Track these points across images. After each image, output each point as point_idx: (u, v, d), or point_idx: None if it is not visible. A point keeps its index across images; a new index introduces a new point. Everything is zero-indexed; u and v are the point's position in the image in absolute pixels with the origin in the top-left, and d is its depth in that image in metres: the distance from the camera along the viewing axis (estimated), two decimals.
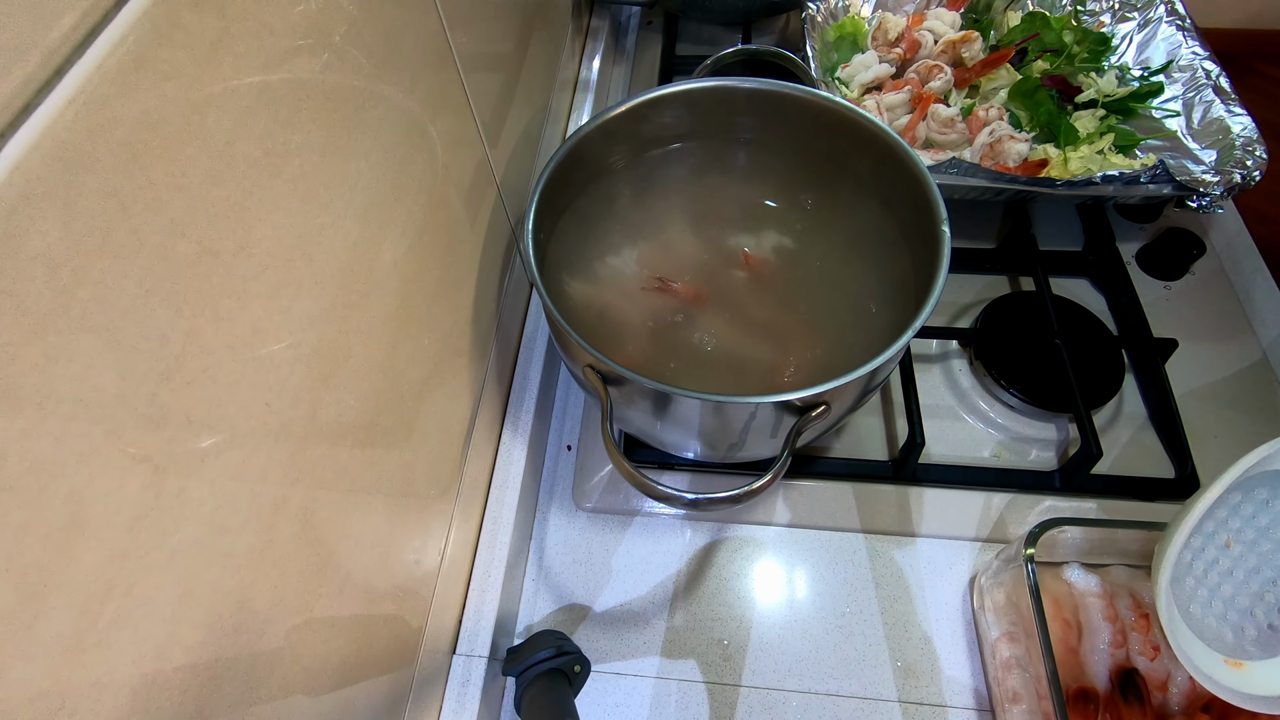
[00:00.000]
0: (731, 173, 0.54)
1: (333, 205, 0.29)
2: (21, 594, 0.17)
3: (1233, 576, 0.36)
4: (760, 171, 0.53)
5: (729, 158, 0.54)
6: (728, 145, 0.54)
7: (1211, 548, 0.37)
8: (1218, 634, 0.36)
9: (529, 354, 0.57)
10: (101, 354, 0.18)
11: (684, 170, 0.54)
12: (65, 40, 0.17)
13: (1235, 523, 0.37)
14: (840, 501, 0.53)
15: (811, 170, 0.52)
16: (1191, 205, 0.55)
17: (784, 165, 0.53)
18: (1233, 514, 0.37)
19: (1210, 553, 0.37)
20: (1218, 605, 0.36)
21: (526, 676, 0.41)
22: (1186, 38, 0.66)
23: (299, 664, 0.29)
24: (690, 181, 0.53)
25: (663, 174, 0.53)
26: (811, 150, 0.52)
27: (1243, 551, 0.36)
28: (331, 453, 0.30)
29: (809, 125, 0.50)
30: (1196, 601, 0.37)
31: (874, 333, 0.45)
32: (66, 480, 0.18)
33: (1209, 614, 0.37)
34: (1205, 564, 0.37)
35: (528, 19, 0.56)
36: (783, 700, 0.47)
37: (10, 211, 0.16)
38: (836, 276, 0.49)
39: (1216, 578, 0.37)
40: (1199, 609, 0.37)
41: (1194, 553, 0.37)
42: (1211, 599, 0.37)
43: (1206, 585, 0.37)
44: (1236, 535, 0.37)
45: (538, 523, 0.54)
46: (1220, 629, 0.36)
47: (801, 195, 0.52)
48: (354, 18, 0.29)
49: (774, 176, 0.53)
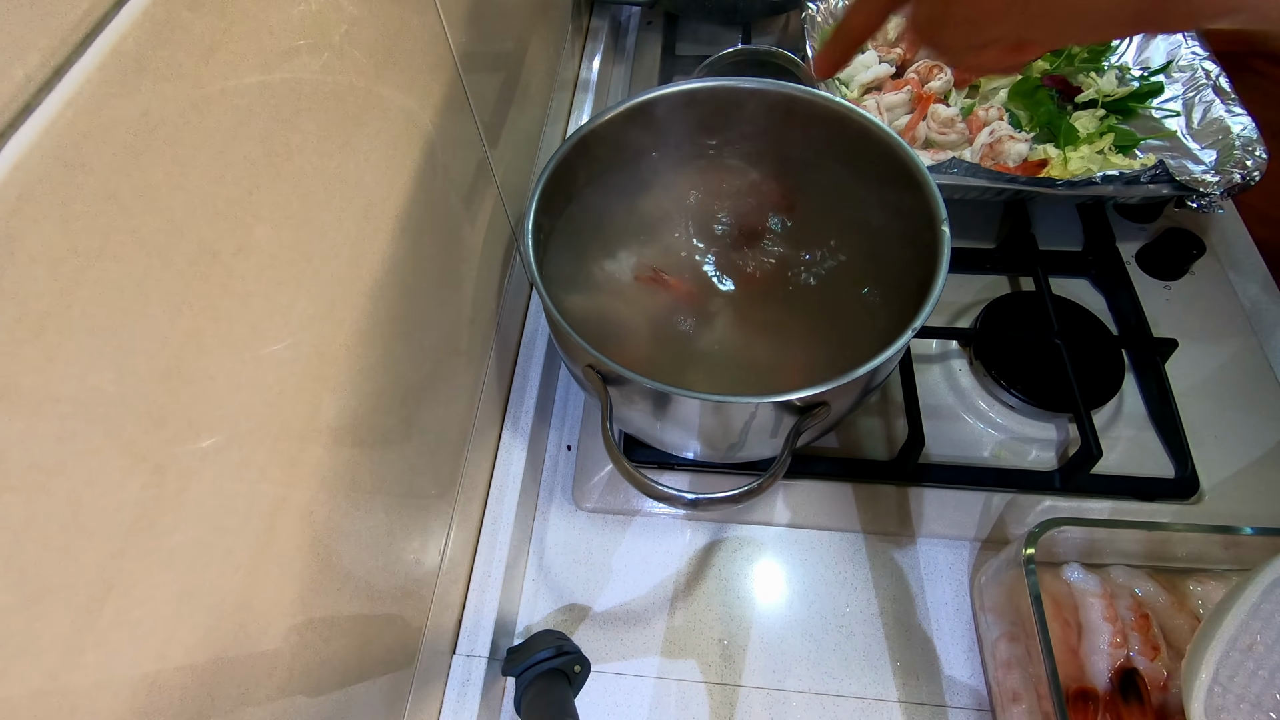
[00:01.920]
0: (731, 173, 0.54)
1: (333, 205, 0.29)
2: (21, 594, 0.17)
3: (1258, 678, 0.37)
4: (759, 171, 0.53)
5: (728, 158, 0.54)
6: (727, 145, 0.54)
7: (1235, 652, 0.37)
8: None
9: (529, 354, 0.57)
10: (101, 354, 0.18)
11: (684, 170, 0.54)
12: (65, 40, 0.17)
13: (1256, 624, 0.37)
14: (840, 501, 0.53)
15: (811, 170, 0.52)
16: (1191, 205, 0.55)
17: (784, 165, 0.53)
18: (1253, 615, 0.37)
19: (1234, 657, 0.37)
20: (1245, 709, 0.37)
21: (526, 676, 0.41)
22: (1186, 38, 0.66)
23: (299, 664, 0.29)
24: (690, 181, 0.53)
25: (663, 174, 0.53)
26: (811, 151, 0.52)
27: (1265, 653, 0.37)
28: (331, 453, 0.30)
29: (809, 125, 0.50)
30: (1226, 710, 0.37)
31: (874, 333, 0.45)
32: (66, 480, 0.18)
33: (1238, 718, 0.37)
34: (1231, 669, 0.37)
35: (528, 19, 0.56)
36: (783, 700, 0.47)
37: (10, 211, 0.16)
38: (836, 276, 0.49)
39: (1244, 680, 0.37)
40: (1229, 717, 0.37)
41: (1219, 659, 0.37)
42: (1239, 703, 0.37)
43: (1234, 690, 0.37)
44: (1260, 638, 0.37)
45: (538, 523, 0.54)
46: None
47: (802, 195, 0.52)
48: (354, 18, 0.29)
49: (773, 176, 0.53)
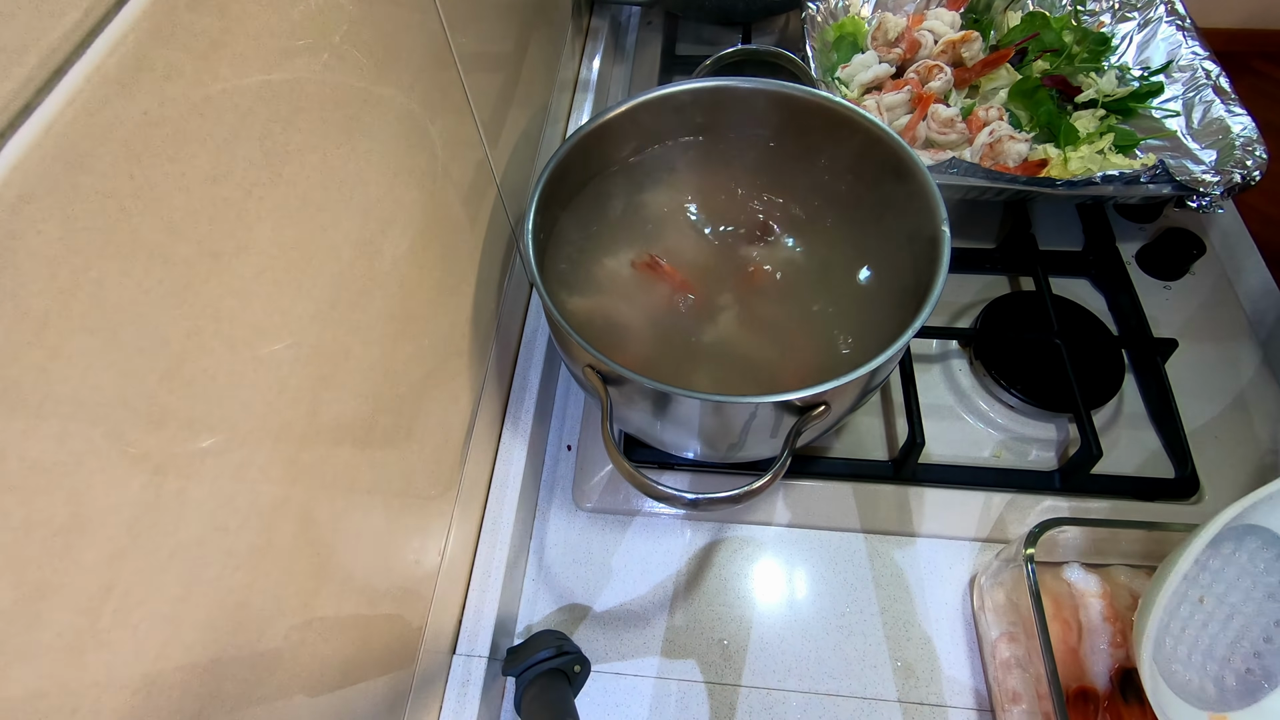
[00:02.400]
0: (731, 173, 0.54)
1: (333, 205, 0.29)
2: (21, 594, 0.17)
3: (1208, 629, 0.37)
4: (760, 171, 0.53)
5: (729, 158, 0.54)
6: (727, 145, 0.54)
7: (1186, 605, 0.38)
8: (1200, 689, 0.37)
9: (529, 354, 0.57)
10: (101, 354, 0.18)
11: (684, 170, 0.54)
12: (65, 40, 0.17)
13: (1205, 578, 0.38)
14: (840, 501, 0.53)
15: (811, 170, 0.52)
16: (1191, 205, 0.55)
17: (784, 165, 0.53)
18: (1202, 569, 0.38)
19: (1185, 610, 0.38)
20: (1197, 659, 0.37)
21: (526, 676, 0.41)
22: (1186, 38, 0.66)
23: (299, 664, 0.29)
24: (690, 181, 0.53)
25: (663, 174, 0.53)
26: (811, 151, 0.52)
27: (1215, 605, 0.38)
28: (331, 453, 0.30)
29: (809, 125, 0.50)
30: (1177, 660, 0.38)
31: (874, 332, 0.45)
32: (66, 480, 0.18)
33: (1190, 670, 0.37)
34: (1181, 622, 0.38)
35: (528, 19, 0.56)
36: (783, 700, 0.47)
37: (10, 211, 0.16)
38: (836, 276, 0.49)
39: (1194, 633, 0.38)
40: (1180, 666, 0.38)
41: (1169, 613, 0.38)
42: (1190, 654, 0.38)
43: (1185, 643, 0.38)
44: (1208, 590, 0.38)
45: (538, 523, 0.54)
46: (1203, 683, 0.37)
47: (801, 195, 0.52)
48: (354, 18, 0.29)
49: (774, 176, 0.53)
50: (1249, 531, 0.37)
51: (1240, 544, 0.38)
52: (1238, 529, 0.38)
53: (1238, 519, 0.37)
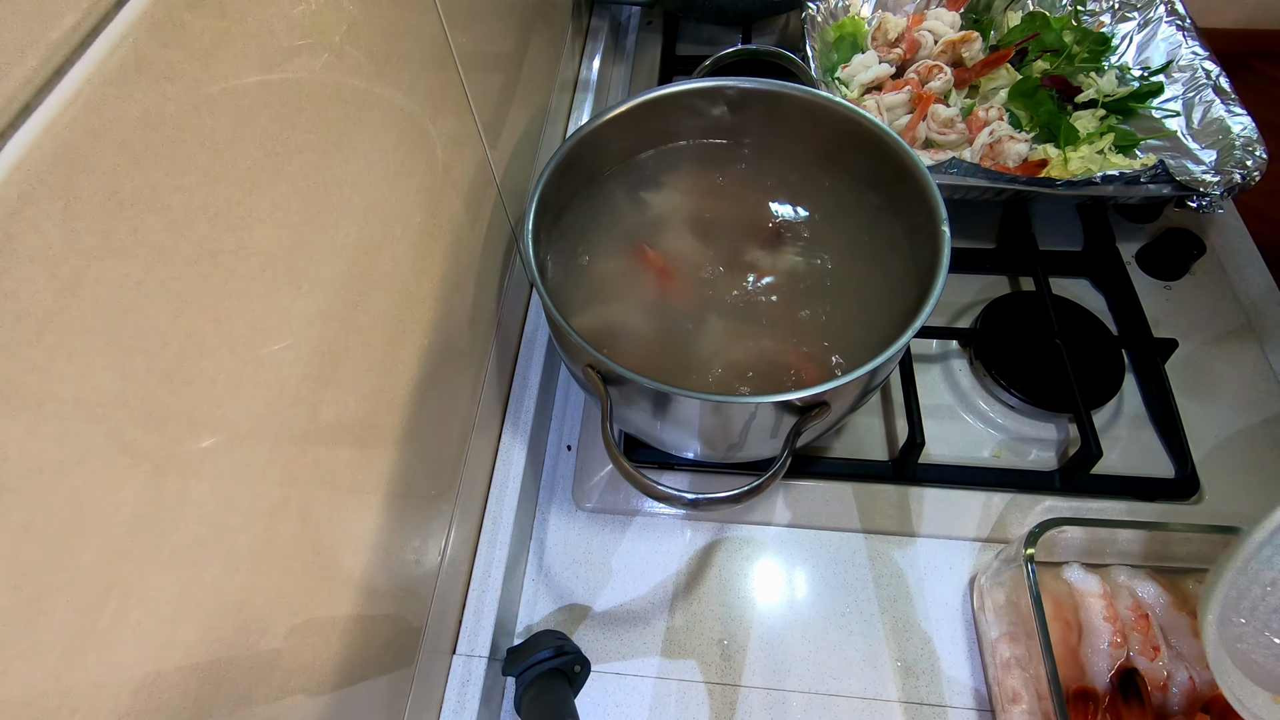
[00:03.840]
0: (731, 173, 0.54)
1: (333, 205, 0.29)
2: (21, 594, 0.17)
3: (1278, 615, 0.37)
4: (760, 171, 0.53)
5: (729, 158, 0.54)
6: (728, 145, 0.54)
7: (1256, 587, 0.37)
8: (1267, 671, 0.37)
9: (529, 354, 0.57)
10: (101, 354, 0.18)
11: (684, 170, 0.54)
12: (65, 40, 0.17)
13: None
14: (840, 501, 0.53)
15: (811, 170, 0.52)
16: (1191, 205, 0.55)
17: (783, 165, 0.53)
18: (1276, 552, 0.37)
19: (1256, 591, 0.38)
20: (1265, 641, 0.37)
21: (526, 676, 0.41)
22: (1186, 38, 0.66)
23: (299, 664, 0.29)
24: (690, 181, 0.53)
25: (663, 174, 0.53)
26: (811, 150, 0.52)
27: None
28: (331, 453, 0.30)
29: (809, 125, 0.50)
30: (1244, 640, 0.37)
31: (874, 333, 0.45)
32: (66, 480, 0.18)
33: (1256, 652, 0.37)
34: (1251, 603, 0.38)
35: (528, 19, 0.56)
36: (783, 700, 0.47)
37: (10, 211, 0.16)
38: (836, 276, 0.49)
39: (1264, 615, 0.37)
40: (1247, 647, 0.37)
41: (1240, 591, 0.38)
42: (1259, 636, 0.37)
43: (1254, 623, 0.37)
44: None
45: (538, 523, 0.54)
46: (1269, 666, 0.37)
47: (801, 195, 0.52)
48: (354, 18, 0.29)
49: (773, 176, 0.53)
50: None
51: None
52: None
53: None
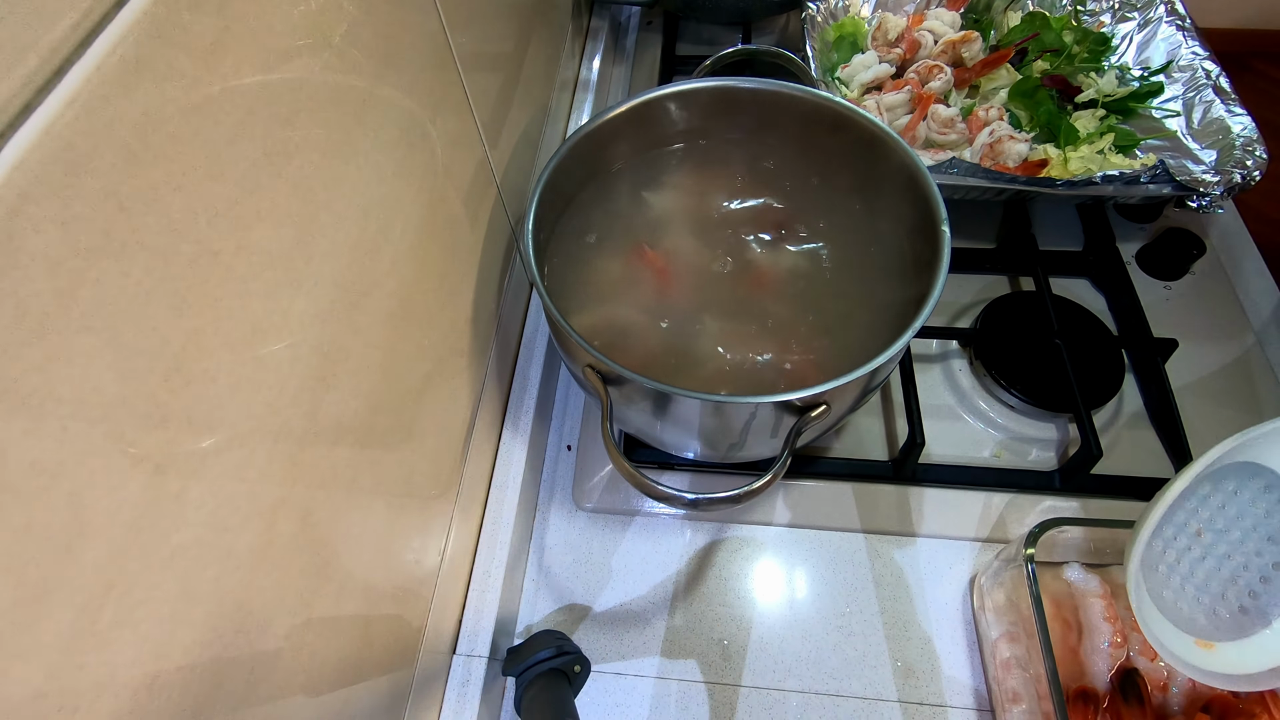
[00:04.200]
0: (731, 173, 0.54)
1: (333, 205, 0.29)
2: (21, 594, 0.17)
3: (1204, 563, 0.38)
4: (760, 172, 0.53)
5: (729, 158, 0.54)
6: (728, 145, 0.54)
7: (1183, 537, 0.39)
8: (1190, 618, 0.38)
9: (529, 354, 0.57)
10: (101, 354, 0.18)
11: (684, 170, 0.54)
12: (65, 40, 0.17)
13: (1205, 512, 0.39)
14: (840, 501, 0.53)
15: (811, 170, 0.52)
16: (1191, 205, 0.55)
17: (783, 165, 0.53)
18: (1203, 504, 0.39)
19: (1182, 541, 0.39)
20: (1190, 590, 0.38)
21: (526, 676, 0.41)
22: (1186, 38, 0.66)
23: (299, 664, 0.29)
24: (690, 181, 0.53)
25: (663, 174, 0.53)
26: (811, 150, 0.52)
27: (1214, 539, 0.38)
28: (331, 453, 0.30)
29: (809, 125, 0.50)
30: (1169, 588, 0.38)
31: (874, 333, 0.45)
32: (66, 480, 0.18)
33: (1181, 599, 0.38)
34: (1178, 552, 0.39)
35: (528, 19, 0.56)
36: (783, 700, 0.47)
37: (10, 211, 0.16)
38: (836, 276, 0.49)
39: (1189, 565, 0.38)
40: (1171, 594, 0.38)
41: (1166, 542, 0.39)
42: (1184, 584, 0.38)
43: (1179, 572, 0.39)
44: (1207, 524, 0.38)
45: (538, 523, 0.54)
46: (1193, 613, 0.38)
47: (801, 196, 0.52)
48: (354, 18, 0.29)
49: (774, 177, 0.53)
50: (1255, 472, 0.37)
51: (1243, 484, 0.38)
52: (1241, 467, 0.38)
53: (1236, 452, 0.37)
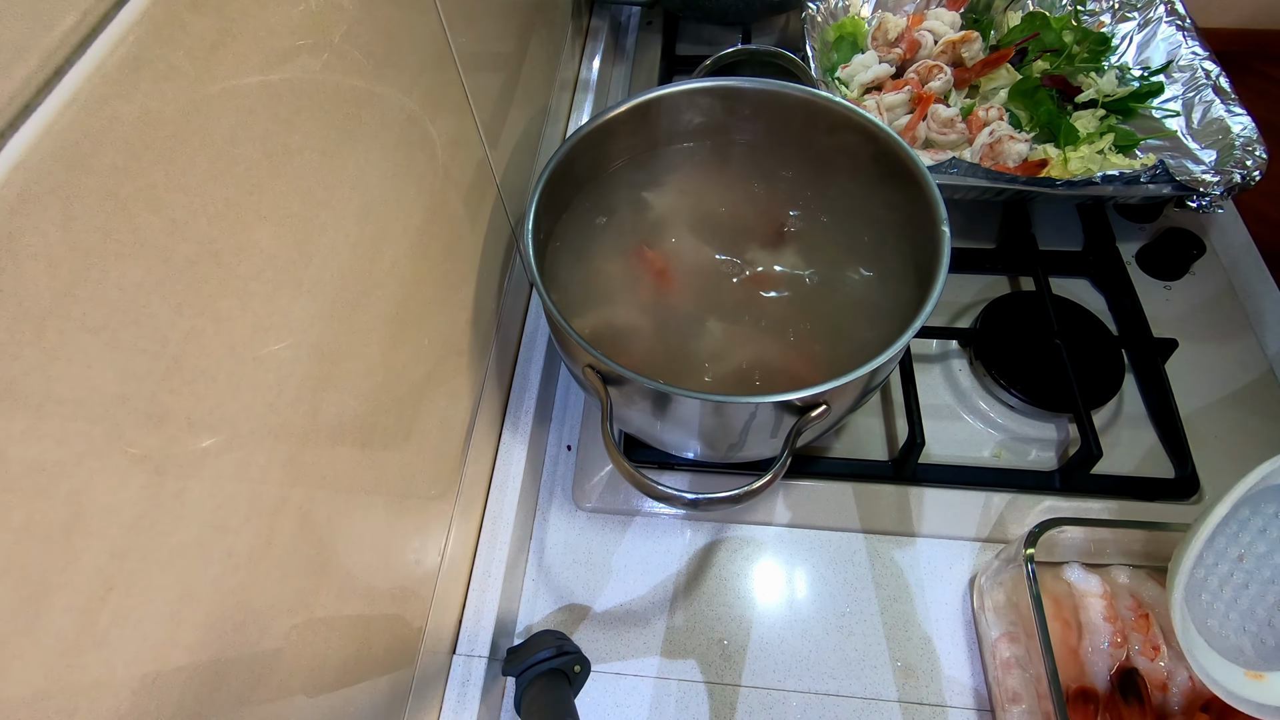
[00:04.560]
0: (731, 173, 0.54)
1: (333, 205, 0.29)
2: (21, 594, 0.17)
3: (1249, 590, 0.37)
4: (760, 172, 0.53)
5: (729, 158, 0.54)
6: (728, 145, 0.54)
7: (1225, 563, 0.37)
8: (1236, 647, 0.37)
9: (529, 354, 0.57)
10: (101, 354, 0.18)
11: (684, 170, 0.54)
12: (65, 40, 0.17)
13: (1246, 537, 0.37)
14: (840, 501, 0.53)
15: (811, 170, 0.52)
16: (1191, 205, 0.55)
17: (783, 165, 0.53)
18: (1243, 529, 0.37)
19: (1224, 568, 0.37)
20: (1235, 618, 0.37)
21: (526, 676, 0.41)
22: (1186, 38, 0.66)
23: (299, 664, 0.29)
24: (690, 181, 0.53)
25: (663, 174, 0.53)
26: (811, 150, 0.52)
27: (1256, 565, 0.37)
28: (331, 453, 0.30)
29: (809, 125, 0.50)
30: (1214, 616, 0.37)
31: (874, 333, 0.45)
32: (66, 480, 0.18)
33: (1226, 628, 0.37)
34: (1220, 579, 0.37)
35: (528, 19, 0.56)
36: (783, 700, 0.47)
37: (10, 211, 0.16)
38: (836, 276, 0.49)
39: (1232, 592, 0.37)
40: (1217, 623, 0.37)
41: (1207, 569, 0.37)
42: (1229, 612, 0.37)
43: (1223, 600, 0.37)
44: (1249, 549, 0.37)
45: (538, 523, 0.54)
46: (1239, 641, 0.37)
47: (801, 195, 0.52)
48: (354, 18, 0.29)
49: (773, 176, 0.53)
50: None
51: None
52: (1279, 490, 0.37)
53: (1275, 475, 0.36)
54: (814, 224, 0.51)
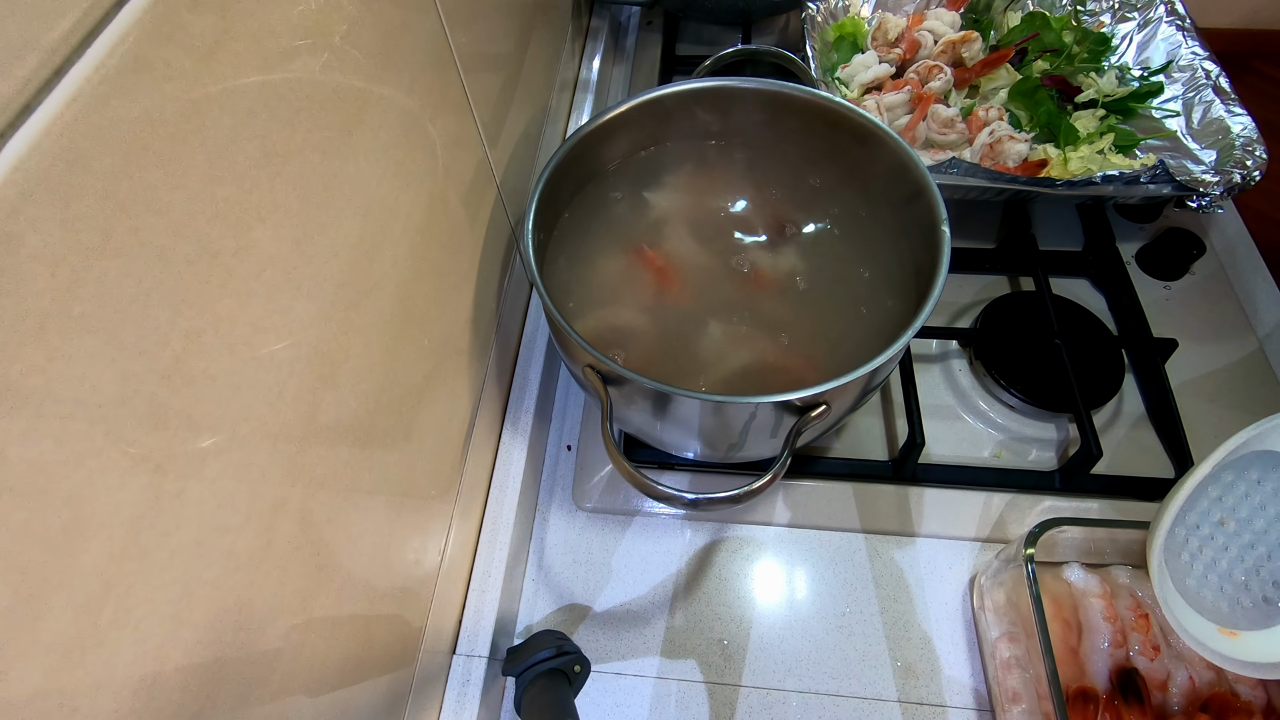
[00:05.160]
0: (731, 173, 0.54)
1: (333, 205, 0.29)
2: (21, 594, 0.17)
3: (1228, 552, 0.38)
4: (759, 172, 0.53)
5: (729, 158, 0.54)
6: (728, 145, 0.54)
7: (1207, 525, 0.39)
8: (1214, 605, 0.38)
9: (529, 354, 0.57)
10: (101, 354, 0.18)
11: (684, 171, 0.54)
12: (65, 40, 0.17)
13: (1230, 501, 0.39)
14: (840, 501, 0.53)
15: (811, 170, 0.52)
16: (1191, 205, 0.55)
17: (783, 165, 0.53)
18: (1227, 492, 0.38)
19: (1206, 530, 0.39)
20: (1214, 579, 0.38)
21: (526, 676, 0.41)
22: (1186, 38, 0.66)
23: (299, 664, 0.29)
24: (690, 182, 0.53)
25: (663, 174, 0.53)
26: (811, 150, 0.52)
27: (1238, 528, 0.38)
28: (331, 453, 0.30)
29: (809, 125, 0.50)
30: (1192, 576, 0.39)
31: (874, 332, 0.45)
32: (66, 480, 0.18)
33: (1205, 587, 0.38)
34: (1201, 540, 0.39)
35: (528, 19, 0.56)
36: (783, 700, 0.47)
37: (10, 211, 0.16)
38: (836, 276, 0.49)
39: (1212, 553, 0.38)
40: (1195, 582, 0.39)
41: (1189, 530, 0.39)
42: (1208, 573, 0.39)
43: (1202, 560, 0.39)
44: (1231, 513, 0.39)
45: (538, 523, 0.54)
46: (1216, 601, 0.38)
47: (801, 195, 0.52)
48: (354, 18, 0.29)
49: (773, 176, 0.53)
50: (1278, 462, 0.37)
51: (1267, 473, 0.38)
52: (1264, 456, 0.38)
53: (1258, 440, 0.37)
54: (814, 224, 0.51)
